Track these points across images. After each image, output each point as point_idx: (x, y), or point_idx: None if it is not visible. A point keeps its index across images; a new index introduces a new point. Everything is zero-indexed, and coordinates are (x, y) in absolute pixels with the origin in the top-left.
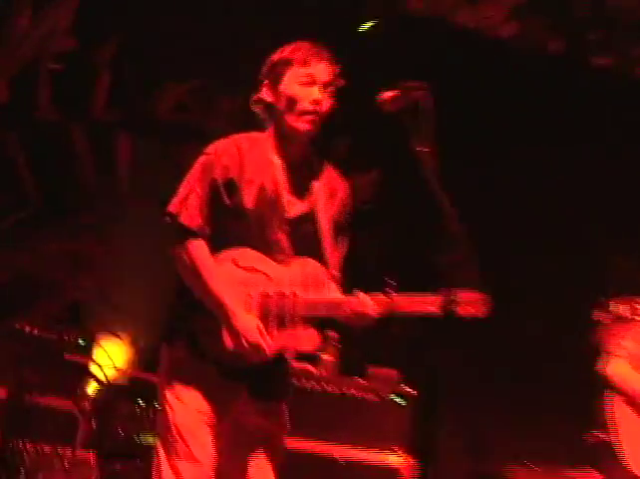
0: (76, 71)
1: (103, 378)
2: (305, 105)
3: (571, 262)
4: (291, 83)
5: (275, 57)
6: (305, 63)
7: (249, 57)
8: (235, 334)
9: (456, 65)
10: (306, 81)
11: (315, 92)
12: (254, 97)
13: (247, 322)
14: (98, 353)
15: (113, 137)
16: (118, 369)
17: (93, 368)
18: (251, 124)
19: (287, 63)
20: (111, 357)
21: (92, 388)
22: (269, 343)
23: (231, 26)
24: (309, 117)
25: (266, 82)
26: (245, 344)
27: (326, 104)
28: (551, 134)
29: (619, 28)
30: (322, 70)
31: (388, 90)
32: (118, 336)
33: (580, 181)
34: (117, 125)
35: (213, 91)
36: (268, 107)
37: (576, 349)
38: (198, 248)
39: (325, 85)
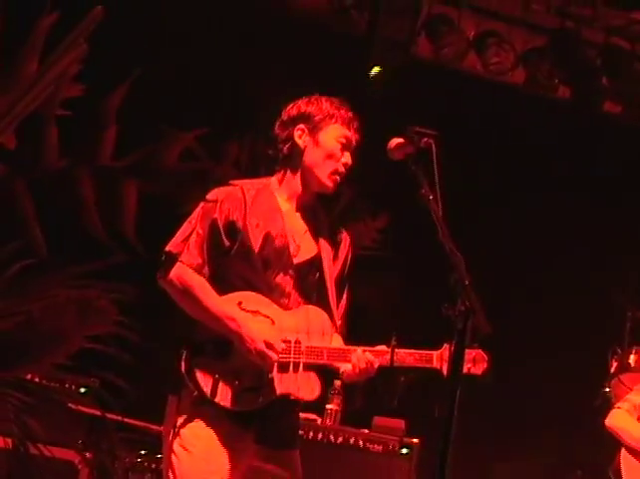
0: (83, 118)
1: (106, 427)
2: (338, 166)
3: (587, 313)
4: (332, 138)
5: (313, 108)
6: (348, 124)
7: (256, 103)
8: (242, 341)
9: (463, 111)
10: (344, 142)
11: (348, 156)
12: (282, 135)
13: (253, 329)
14: (102, 402)
15: (119, 184)
16: (123, 418)
17: (96, 417)
18: (257, 169)
19: (331, 117)
20: (116, 406)
21: (94, 437)
22: (277, 350)
23: (238, 72)
24: (337, 177)
25: (303, 126)
26: (251, 350)
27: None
28: (559, 179)
29: (627, 75)
30: (355, 136)
31: (395, 137)
32: (123, 385)
33: (590, 228)
34: (123, 172)
35: (220, 138)
36: (295, 150)
37: (588, 399)
38: (189, 273)
39: (354, 150)
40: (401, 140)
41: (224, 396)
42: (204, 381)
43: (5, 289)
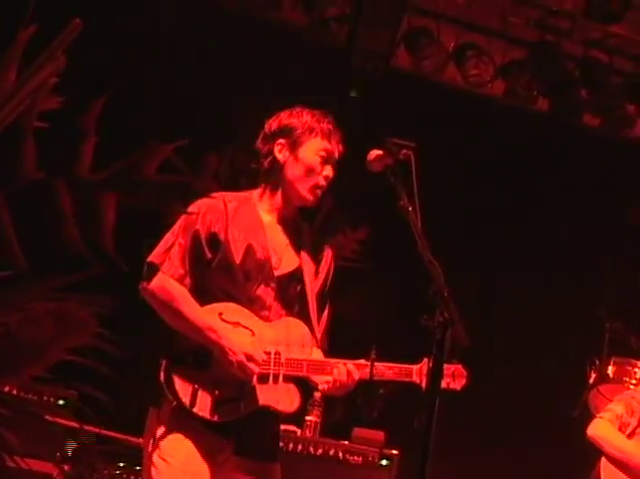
0: (61, 130)
1: (84, 440)
2: (319, 179)
3: (565, 323)
4: (311, 153)
5: (295, 120)
6: (328, 137)
7: (236, 115)
8: (223, 352)
9: (442, 123)
10: (325, 155)
11: (329, 169)
12: (262, 150)
13: (234, 341)
14: (81, 414)
15: (97, 196)
16: (101, 430)
17: (74, 430)
18: (237, 181)
19: (311, 131)
20: (94, 418)
21: (72, 450)
22: (258, 362)
23: (218, 82)
24: (319, 191)
25: (283, 141)
26: (232, 362)
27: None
28: (538, 191)
29: (606, 88)
30: (337, 148)
31: (374, 148)
32: (102, 397)
33: (570, 240)
34: (102, 184)
35: (200, 149)
36: (275, 165)
37: (568, 409)
38: (171, 284)
39: (335, 162)
40: (380, 152)
41: (203, 407)
42: (183, 391)
43: None
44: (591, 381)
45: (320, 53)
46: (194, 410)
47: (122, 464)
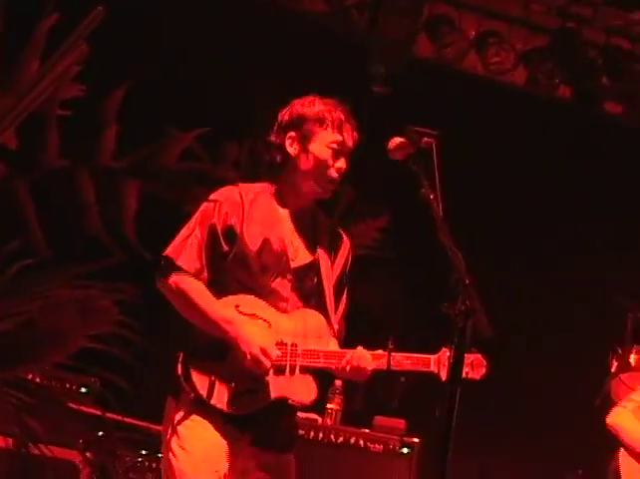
0: (83, 117)
1: (106, 427)
2: (332, 173)
3: (587, 311)
4: (322, 146)
5: (306, 111)
6: (339, 128)
7: (256, 103)
8: (238, 344)
9: (464, 111)
10: (336, 148)
11: (341, 161)
12: (275, 142)
13: (249, 333)
14: (103, 401)
15: (119, 184)
16: (123, 418)
17: (96, 417)
18: (257, 170)
19: (321, 122)
20: (116, 405)
21: (95, 437)
22: (271, 357)
23: (239, 69)
24: (332, 185)
25: (293, 134)
26: (247, 355)
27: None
28: (560, 180)
29: (628, 76)
30: (351, 138)
31: (396, 136)
32: (124, 384)
33: (591, 228)
34: (124, 172)
35: (220, 137)
36: (287, 158)
37: (588, 397)
38: (187, 278)
39: (349, 153)
40: (401, 139)
41: (220, 398)
42: (201, 383)
43: (5, 290)
44: (613, 370)
45: (341, 41)
46: (212, 402)
47: (144, 451)
